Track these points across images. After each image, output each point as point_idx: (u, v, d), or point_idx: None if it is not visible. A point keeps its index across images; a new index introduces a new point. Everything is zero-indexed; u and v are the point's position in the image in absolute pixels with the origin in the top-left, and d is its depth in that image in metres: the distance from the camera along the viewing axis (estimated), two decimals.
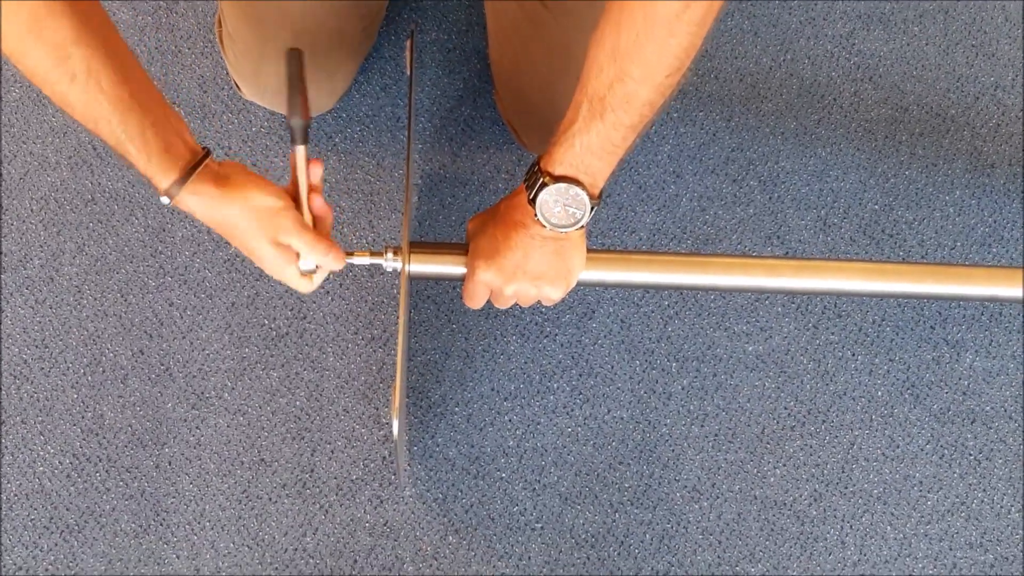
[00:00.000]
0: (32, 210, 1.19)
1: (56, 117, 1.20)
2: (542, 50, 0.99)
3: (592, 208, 0.78)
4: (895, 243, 1.24)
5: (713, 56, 1.27)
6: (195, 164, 0.74)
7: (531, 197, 0.78)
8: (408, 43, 1.09)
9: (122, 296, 1.18)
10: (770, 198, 1.24)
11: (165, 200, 0.74)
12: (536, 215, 0.78)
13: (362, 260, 0.85)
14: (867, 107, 1.27)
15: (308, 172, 0.77)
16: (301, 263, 0.80)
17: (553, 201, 0.77)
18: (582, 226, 0.80)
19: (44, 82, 0.68)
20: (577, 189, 0.77)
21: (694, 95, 1.26)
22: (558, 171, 0.77)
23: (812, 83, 1.27)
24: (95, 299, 1.17)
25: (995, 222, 1.25)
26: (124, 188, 1.20)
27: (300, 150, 0.75)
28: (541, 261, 0.83)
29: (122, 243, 1.19)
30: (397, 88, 1.23)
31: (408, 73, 1.14)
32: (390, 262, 0.86)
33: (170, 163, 0.73)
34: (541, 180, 0.77)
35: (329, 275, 1.17)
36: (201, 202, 0.75)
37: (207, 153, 0.75)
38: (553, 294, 0.85)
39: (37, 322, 1.17)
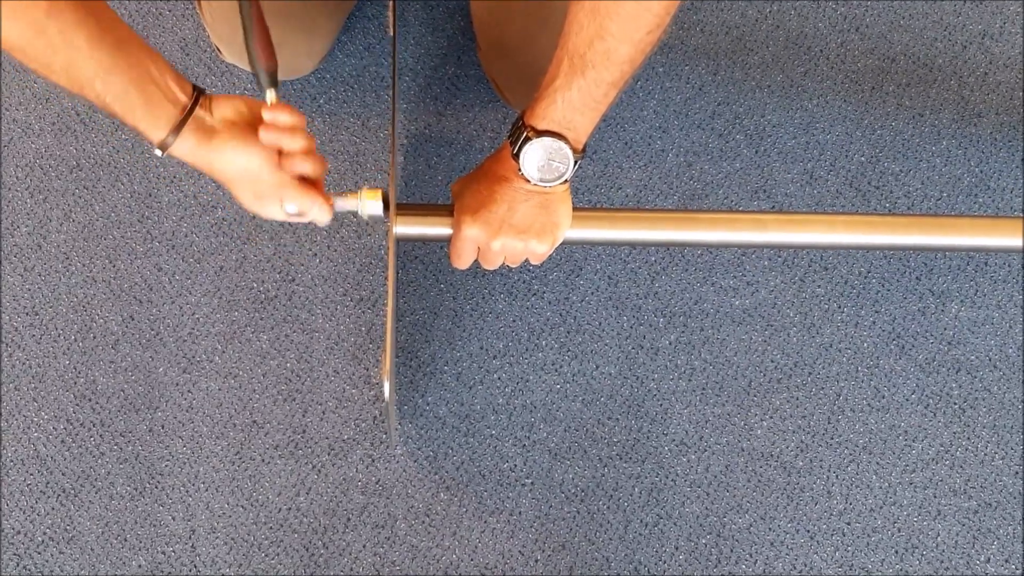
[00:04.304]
0: (18, 178, 1.18)
1: (38, 83, 1.20)
2: (522, 4, 0.99)
3: (575, 162, 0.79)
4: (882, 195, 1.24)
5: (699, 9, 1.25)
6: (183, 117, 0.73)
7: (515, 152, 0.79)
8: (390, 2, 1.08)
9: (110, 262, 1.18)
10: (756, 152, 1.24)
11: (157, 152, 0.74)
12: (520, 169, 0.79)
13: (344, 204, 0.83)
14: (854, 58, 1.26)
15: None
16: (286, 206, 0.79)
17: (537, 155, 0.78)
18: (565, 180, 0.80)
19: (24, 55, 0.68)
20: (560, 143, 0.77)
21: (680, 49, 1.25)
22: (541, 126, 0.77)
23: (799, 34, 1.26)
24: (83, 265, 1.18)
25: (982, 172, 1.25)
26: (109, 154, 1.19)
27: (270, 94, 0.76)
28: (527, 214, 0.83)
29: (109, 209, 1.19)
30: (381, 47, 1.23)
31: (391, 33, 1.13)
32: (364, 203, 0.83)
33: (156, 119, 0.72)
34: (525, 134, 0.77)
35: (316, 237, 1.18)
36: (188, 154, 0.75)
37: (196, 100, 0.74)
38: (539, 248, 0.85)
39: (27, 290, 1.17)
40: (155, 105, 0.72)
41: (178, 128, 0.73)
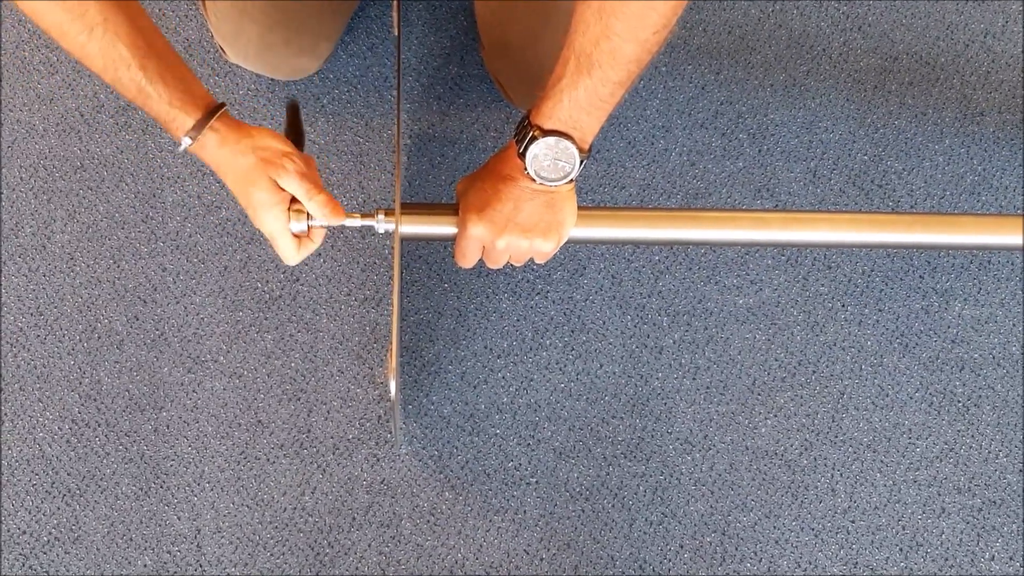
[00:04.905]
0: (22, 178, 1.19)
1: (41, 84, 1.20)
2: (525, 3, 0.99)
3: (581, 162, 0.79)
4: (884, 193, 1.24)
5: (701, 8, 1.26)
6: (215, 108, 0.77)
7: (521, 151, 0.78)
8: (395, 2, 1.09)
9: (115, 262, 1.18)
10: (759, 151, 1.24)
11: (186, 141, 0.77)
12: (526, 168, 0.79)
13: (354, 222, 0.85)
14: (856, 57, 1.27)
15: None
16: (292, 224, 0.81)
17: (543, 155, 0.78)
18: (571, 180, 0.80)
19: (63, 36, 0.71)
20: (566, 143, 0.77)
21: (683, 48, 1.25)
22: (547, 125, 0.77)
23: (801, 34, 1.26)
24: (88, 266, 1.18)
25: (984, 170, 1.25)
26: (113, 154, 1.19)
27: None
28: (532, 213, 0.83)
29: (113, 209, 1.19)
30: (384, 48, 1.23)
31: (395, 33, 1.13)
32: (382, 223, 0.85)
33: (191, 105, 0.76)
34: (531, 134, 0.77)
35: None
36: (216, 139, 0.77)
37: (223, 104, 0.79)
38: (545, 247, 0.85)
39: (31, 290, 1.17)
40: (193, 89, 0.76)
41: (213, 112, 0.77)
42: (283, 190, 0.80)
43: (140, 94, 0.74)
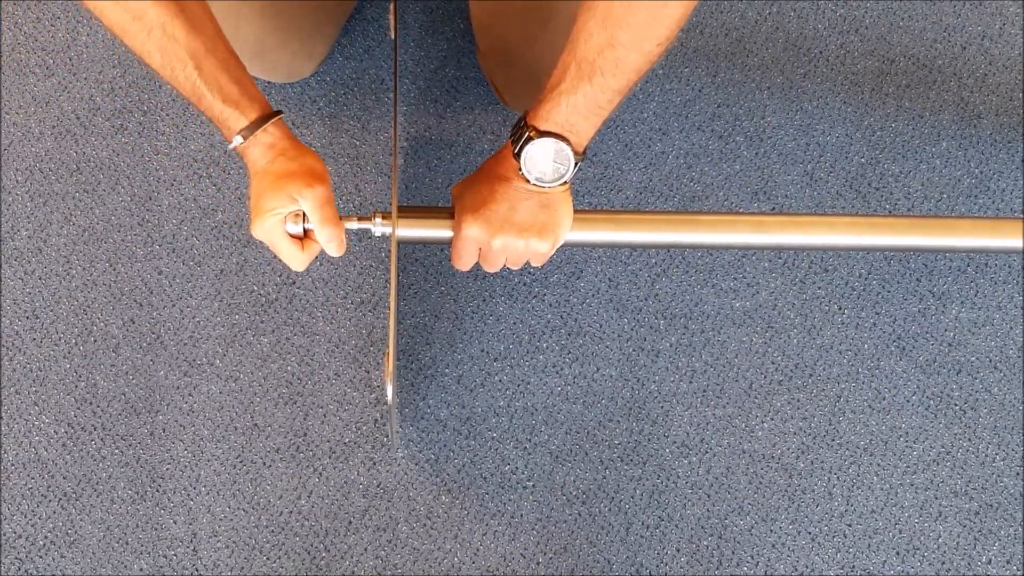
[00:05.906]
0: (17, 181, 1.18)
1: (38, 87, 1.20)
2: (521, 5, 0.99)
3: (576, 164, 0.79)
4: (881, 196, 1.24)
5: (698, 11, 1.26)
6: (271, 113, 0.78)
7: (516, 151, 0.79)
8: (391, 5, 1.08)
9: (111, 265, 1.18)
10: (756, 154, 1.24)
11: (237, 140, 0.77)
12: (520, 169, 0.79)
13: (350, 225, 0.85)
14: (853, 59, 1.26)
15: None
16: (288, 225, 0.80)
17: (538, 155, 0.79)
18: (565, 182, 0.80)
19: (124, 34, 0.73)
20: (562, 144, 0.78)
21: (679, 51, 1.25)
22: (543, 127, 0.78)
23: (798, 36, 1.26)
24: (84, 269, 1.18)
25: (982, 173, 1.25)
26: (109, 157, 1.19)
27: None
28: (528, 214, 0.83)
29: (109, 212, 1.19)
30: (380, 50, 1.23)
31: (392, 35, 1.13)
32: (378, 226, 0.86)
33: (246, 106, 0.76)
34: (527, 135, 0.78)
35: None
36: (268, 141, 0.78)
37: (279, 111, 0.79)
38: (541, 248, 0.85)
39: (27, 293, 1.17)
40: (249, 92, 0.77)
41: (269, 117, 0.77)
42: (292, 202, 0.79)
43: (194, 93, 0.75)
